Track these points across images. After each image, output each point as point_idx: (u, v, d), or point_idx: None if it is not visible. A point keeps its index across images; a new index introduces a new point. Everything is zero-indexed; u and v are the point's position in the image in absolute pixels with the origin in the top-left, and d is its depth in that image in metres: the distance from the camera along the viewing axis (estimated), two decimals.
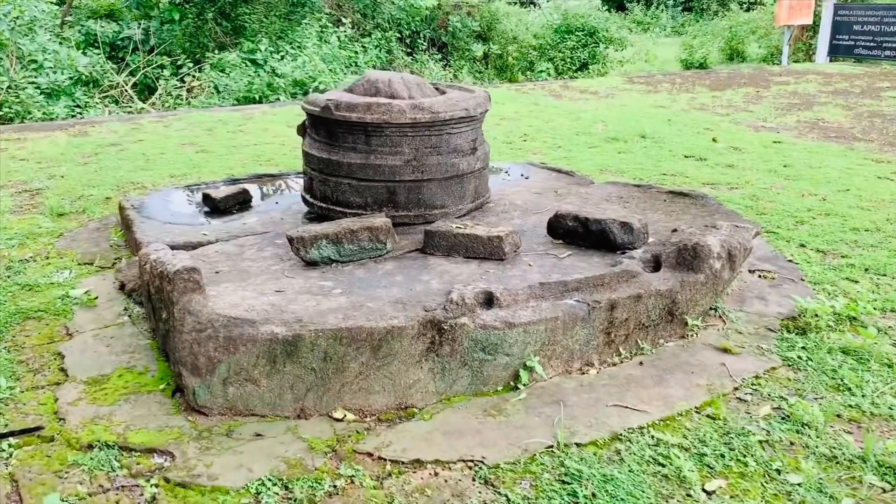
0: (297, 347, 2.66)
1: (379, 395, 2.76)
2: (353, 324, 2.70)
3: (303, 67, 12.19)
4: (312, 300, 2.97)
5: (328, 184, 3.97)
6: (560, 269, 3.31)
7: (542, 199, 4.50)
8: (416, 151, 3.85)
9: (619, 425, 2.63)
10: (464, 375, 2.82)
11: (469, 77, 17.58)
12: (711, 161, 6.27)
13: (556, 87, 11.28)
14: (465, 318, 2.81)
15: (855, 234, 4.48)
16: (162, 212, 4.46)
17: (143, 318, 3.49)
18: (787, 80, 11.83)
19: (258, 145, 7.15)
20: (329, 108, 3.81)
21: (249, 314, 2.80)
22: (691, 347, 3.16)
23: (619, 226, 3.47)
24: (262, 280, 3.22)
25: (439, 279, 3.22)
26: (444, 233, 3.51)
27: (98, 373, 3.02)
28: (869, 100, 9.64)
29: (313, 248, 3.42)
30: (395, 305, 2.88)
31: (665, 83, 11.43)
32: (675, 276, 3.20)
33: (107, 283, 3.90)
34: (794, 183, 5.62)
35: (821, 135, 7.44)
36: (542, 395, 2.81)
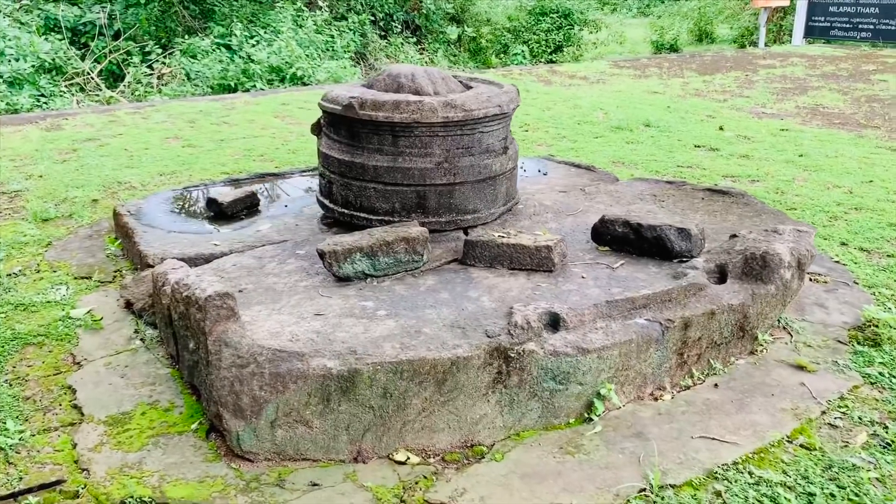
0: (353, 384, 2.37)
1: (443, 434, 2.49)
2: (415, 355, 2.42)
3: (279, 53, 11.73)
4: (359, 325, 2.68)
5: (351, 188, 3.65)
6: (618, 282, 3.06)
7: (571, 199, 4.24)
8: (448, 153, 3.55)
9: (712, 461, 2.40)
10: (533, 408, 2.56)
11: (445, 61, 17.24)
12: (724, 151, 6.06)
13: (544, 71, 11.00)
14: (533, 343, 2.55)
15: (893, 230, 4.30)
16: (163, 218, 4.11)
17: (157, 343, 3.16)
18: (772, 63, 11.71)
19: (247, 138, 6.77)
20: (353, 107, 3.50)
21: (295, 345, 2.50)
22: (764, 365, 2.94)
23: (677, 232, 3.23)
24: (295, 301, 2.92)
25: (489, 296, 2.95)
26: (486, 243, 3.24)
27: (118, 410, 2.70)
28: (861, 84, 9.55)
29: (347, 263, 3.12)
30: (454, 331, 2.61)
31: (653, 67, 11.23)
32: (744, 289, 2.97)
33: (110, 301, 3.56)
34: (814, 174, 5.44)
35: (825, 121, 7.29)
36: (620, 427, 2.57)
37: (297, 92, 9.35)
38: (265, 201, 4.36)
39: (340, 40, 13.31)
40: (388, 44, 16.36)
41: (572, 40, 18.60)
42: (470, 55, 18.79)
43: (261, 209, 4.26)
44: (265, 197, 4.45)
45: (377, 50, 15.99)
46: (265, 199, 4.38)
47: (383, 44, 16.23)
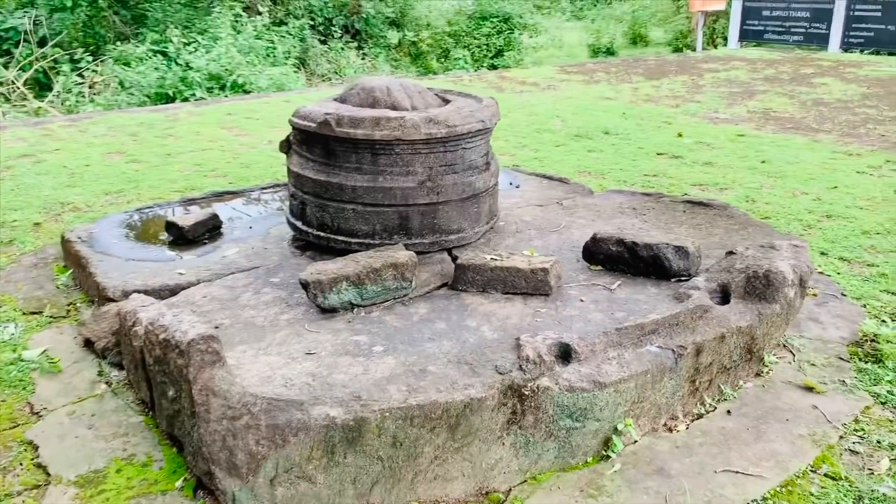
0: (360, 433, 2.17)
1: (457, 482, 2.30)
2: (425, 399, 2.23)
3: (218, 60, 11.32)
4: (356, 365, 2.47)
5: (327, 209, 3.44)
6: (619, 306, 2.93)
7: (551, 214, 4.11)
8: (431, 171, 3.37)
9: (740, 497, 2.28)
10: (549, 448, 2.40)
11: (386, 66, 17.00)
12: (688, 159, 6.04)
13: (493, 77, 10.91)
14: (546, 378, 2.38)
15: (868, 238, 4.31)
16: (118, 245, 3.81)
17: (125, 387, 2.89)
18: (714, 66, 11.88)
19: (195, 152, 6.44)
20: (328, 124, 3.28)
21: (291, 391, 2.28)
22: (773, 388, 2.85)
23: (674, 251, 3.12)
24: (281, 338, 2.69)
25: (489, 325, 2.78)
26: (478, 266, 3.06)
27: (89, 468, 2.43)
28: (803, 87, 9.74)
29: (332, 293, 2.90)
30: (461, 367, 2.42)
31: (600, 72, 11.25)
32: (750, 309, 2.87)
33: (66, 339, 3.26)
34: (780, 181, 5.45)
35: (779, 126, 7.37)
36: (639, 464, 2.43)
37: (241, 101, 9.01)
38: (227, 223, 4.09)
39: (281, 46, 12.95)
40: (328, 49, 16.03)
41: (513, 45, 18.63)
42: (411, 60, 18.60)
43: (223, 231, 4.00)
44: (232, 218, 4.18)
45: (318, 55, 15.65)
46: (227, 221, 4.11)
47: (324, 49, 15.90)
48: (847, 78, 10.53)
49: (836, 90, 9.49)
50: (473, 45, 18.36)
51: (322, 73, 14.99)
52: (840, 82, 10.11)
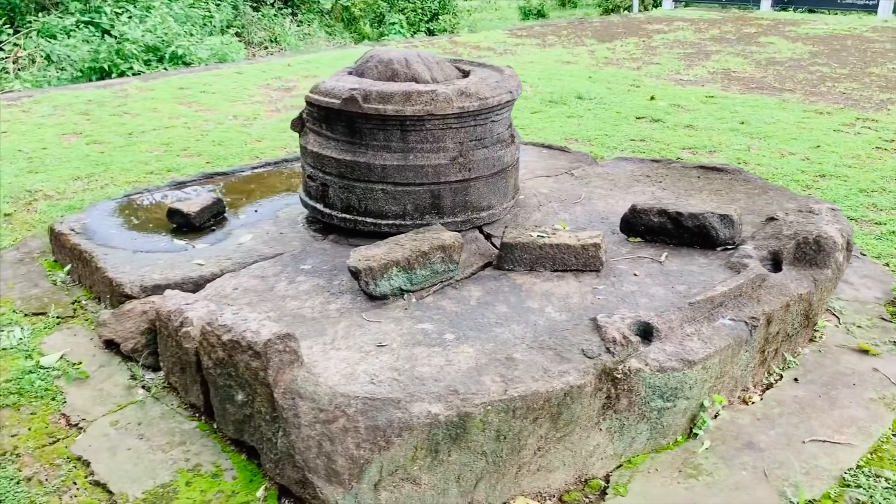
0: (465, 430, 2.06)
1: (559, 472, 2.23)
2: (525, 389, 2.13)
3: (154, 31, 10.75)
4: (436, 356, 2.35)
5: (353, 191, 3.27)
6: (676, 278, 2.88)
7: (566, 185, 4.03)
8: (461, 146, 3.24)
9: (836, 467, 2.28)
10: (642, 430, 2.35)
11: (322, 32, 16.52)
12: (668, 122, 6.05)
13: (446, 43, 10.71)
14: (634, 360, 2.32)
15: (867, 196, 4.40)
16: (118, 235, 3.55)
17: (165, 390, 2.69)
18: (659, 28, 11.97)
19: (158, 130, 6.09)
20: (355, 100, 3.10)
21: (381, 388, 2.15)
22: (829, 352, 2.87)
23: (719, 219, 3.09)
24: (342, 330, 2.54)
25: (551, 305, 2.70)
26: (526, 244, 2.97)
27: (154, 483, 2.25)
28: (752, 47, 9.90)
29: (383, 280, 2.76)
30: (545, 353, 2.33)
31: (550, 36, 11.18)
32: (804, 275, 2.87)
33: (81, 341, 3.02)
34: (764, 142, 5.51)
35: (743, 87, 7.46)
36: (727, 440, 2.40)
37: (191, 74, 8.58)
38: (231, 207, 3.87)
39: (219, 14, 12.39)
40: (261, 16, 15.46)
41: (448, 7, 18.35)
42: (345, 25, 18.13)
43: (227, 216, 3.78)
44: (233, 201, 3.95)
45: (251, 23, 15.08)
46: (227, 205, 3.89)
47: (257, 16, 15.33)
48: (790, 37, 10.76)
49: (785, 49, 9.68)
50: (408, 9, 17.99)
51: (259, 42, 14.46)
52: (785, 41, 10.32)
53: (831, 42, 10.24)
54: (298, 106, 6.92)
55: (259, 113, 6.63)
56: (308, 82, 7.93)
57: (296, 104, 6.97)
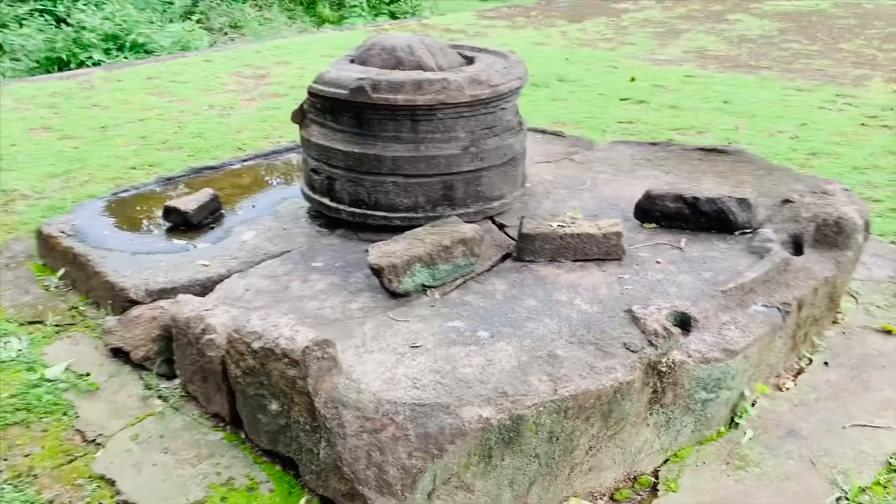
0: (518, 433, 2.00)
1: (609, 471, 2.18)
2: (576, 388, 2.07)
3: (112, 18, 10.39)
4: (475, 355, 2.28)
5: (362, 184, 3.16)
6: (700, 265, 2.85)
7: (569, 171, 3.98)
8: (473, 135, 3.16)
9: (880, 452, 2.27)
10: (687, 423, 2.31)
11: (283, 16, 16.19)
12: (653, 103, 6.03)
13: (415, 25, 10.55)
14: (677, 352, 2.28)
15: (861, 174, 4.43)
16: (113, 236, 3.40)
17: (184, 399, 2.57)
18: (626, 7, 11.97)
19: (132, 123, 5.88)
20: (364, 90, 3.00)
21: (426, 393, 2.07)
22: (853, 334, 2.87)
23: (737, 203, 3.06)
24: (370, 331, 2.45)
25: (580, 298, 2.64)
26: (547, 235, 2.90)
27: (187, 499, 2.14)
28: (722, 24, 9.95)
29: (406, 277, 2.68)
30: (586, 348, 2.28)
31: (519, 17, 11.10)
32: (828, 258, 2.86)
33: (85, 350, 2.88)
34: (751, 121, 5.53)
35: (720, 65, 7.48)
36: (768, 428, 2.38)
37: (157, 63, 8.31)
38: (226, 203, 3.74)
39: (179, 0, 12.03)
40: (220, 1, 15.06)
41: None
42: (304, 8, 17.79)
43: (224, 213, 3.64)
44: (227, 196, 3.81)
45: (209, 8, 14.69)
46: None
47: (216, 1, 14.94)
48: (756, 13, 10.84)
49: (754, 26, 9.75)
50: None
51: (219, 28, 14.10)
52: (753, 18, 10.39)
53: (797, 18, 10.34)
54: (274, 94, 6.75)
55: (235, 102, 6.45)
56: (281, 69, 7.74)
57: (271, 92, 6.80)
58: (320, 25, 16.00)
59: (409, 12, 16.80)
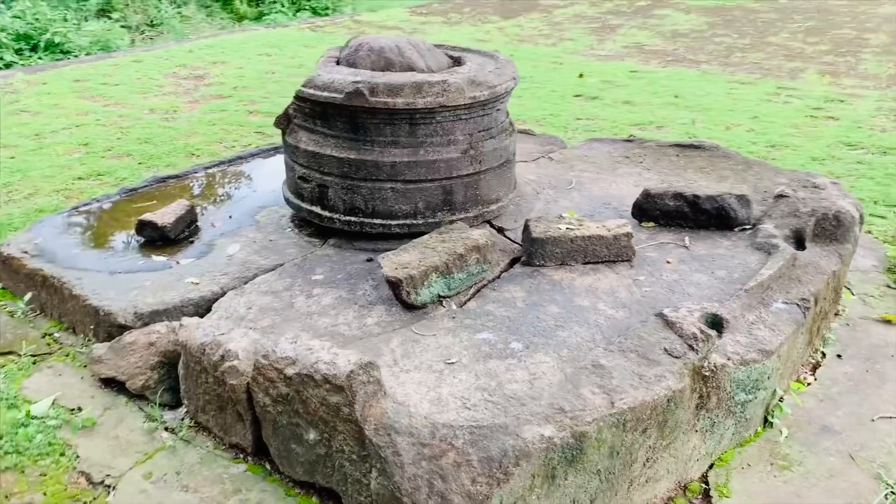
0: (582, 450, 1.93)
1: (664, 481, 2.14)
2: (632, 400, 2.02)
3: (23, 17, 9.78)
4: (516, 369, 2.20)
5: (358, 191, 3.04)
6: (710, 263, 2.85)
7: (550, 170, 3.94)
8: (471, 137, 3.08)
9: None
10: (729, 426, 2.29)
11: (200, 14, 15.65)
12: (607, 99, 6.07)
13: (350, 23, 10.35)
14: (716, 355, 2.26)
15: (821, 164, 4.56)
16: (83, 255, 3.16)
17: (193, 430, 2.40)
18: (555, 2, 12.07)
19: (69, 129, 5.52)
20: (361, 94, 2.87)
21: (480, 413, 1.98)
22: (857, 325, 2.93)
23: (737, 200, 3.08)
24: (397, 348, 2.34)
25: (603, 302, 2.60)
26: (557, 238, 2.85)
27: None
28: (652, 19, 10.15)
29: (424, 288, 2.58)
30: (628, 356, 2.23)
31: (451, 13, 11.04)
32: (830, 252, 2.90)
33: (70, 381, 2.66)
34: (706, 115, 5.63)
35: (661, 60, 7.61)
36: (801, 425, 2.39)
37: (83, 64, 7.85)
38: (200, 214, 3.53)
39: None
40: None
41: None
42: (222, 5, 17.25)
43: (199, 225, 3.44)
44: (199, 207, 3.60)
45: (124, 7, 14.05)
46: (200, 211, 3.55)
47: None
48: (682, 8, 11.11)
49: (682, 20, 9.98)
50: None
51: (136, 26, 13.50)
52: (680, 13, 10.64)
53: (721, 13, 10.64)
54: (217, 95, 6.47)
55: (177, 105, 6.14)
56: (218, 69, 7.44)
57: (214, 93, 6.52)
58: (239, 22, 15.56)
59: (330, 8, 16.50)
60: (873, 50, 7.93)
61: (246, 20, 15.76)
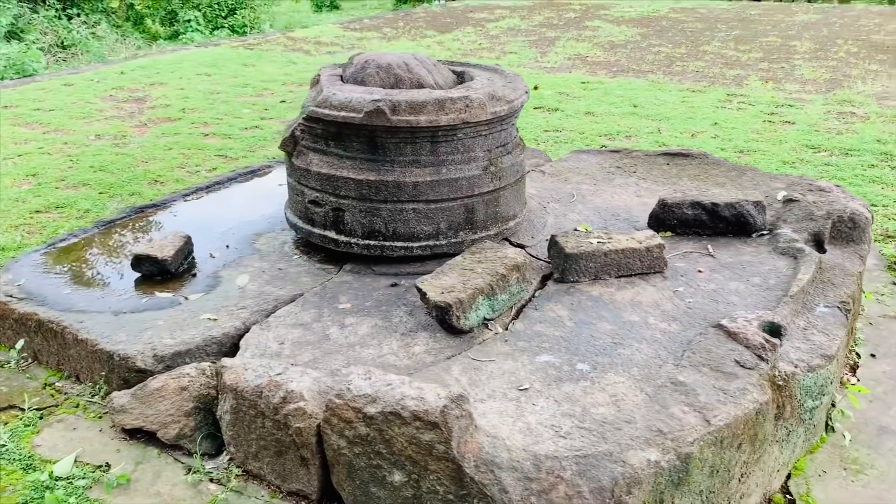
0: (687, 472, 1.87)
1: (753, 496, 2.10)
2: (726, 416, 1.98)
3: None
4: (593, 391, 2.13)
5: (378, 214, 2.91)
6: (741, 271, 2.85)
7: (547, 184, 3.90)
8: (490, 154, 3.01)
9: None
10: (800, 434, 2.28)
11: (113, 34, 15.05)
12: (567, 111, 6.11)
13: (284, 39, 10.12)
14: (782, 363, 2.25)
15: (792, 168, 4.69)
16: (76, 295, 2.92)
17: (242, 479, 2.22)
18: (483, 16, 12.15)
19: (12, 159, 5.15)
20: (382, 112, 2.76)
21: (578, 441, 1.90)
22: (878, 323, 2.99)
23: (754, 206, 3.11)
24: (461, 377, 2.23)
25: (652, 316, 2.56)
26: (591, 253, 2.80)
27: None
28: (586, 31, 10.33)
29: (472, 312, 2.48)
30: (701, 370, 2.19)
31: (385, 28, 10.95)
32: (850, 253, 2.96)
33: (87, 435, 2.43)
34: (667, 123, 5.73)
35: (608, 71, 7.73)
36: (859, 427, 2.41)
37: (6, 90, 7.37)
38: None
39: (3, 17, 10.80)
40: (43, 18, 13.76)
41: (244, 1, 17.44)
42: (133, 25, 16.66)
43: (196, 256, 3.24)
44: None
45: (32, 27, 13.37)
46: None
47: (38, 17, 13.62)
48: (610, 20, 11.37)
49: (615, 32, 10.20)
50: (204, 5, 16.83)
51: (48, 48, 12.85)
52: (610, 24, 10.88)
53: (649, 24, 10.94)
54: (165, 118, 6.18)
55: (125, 130, 5.83)
56: (159, 91, 7.12)
57: (162, 116, 6.22)
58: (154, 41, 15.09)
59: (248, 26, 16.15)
60: (803, 56, 8.28)
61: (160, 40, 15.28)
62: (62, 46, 13.27)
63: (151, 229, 3.54)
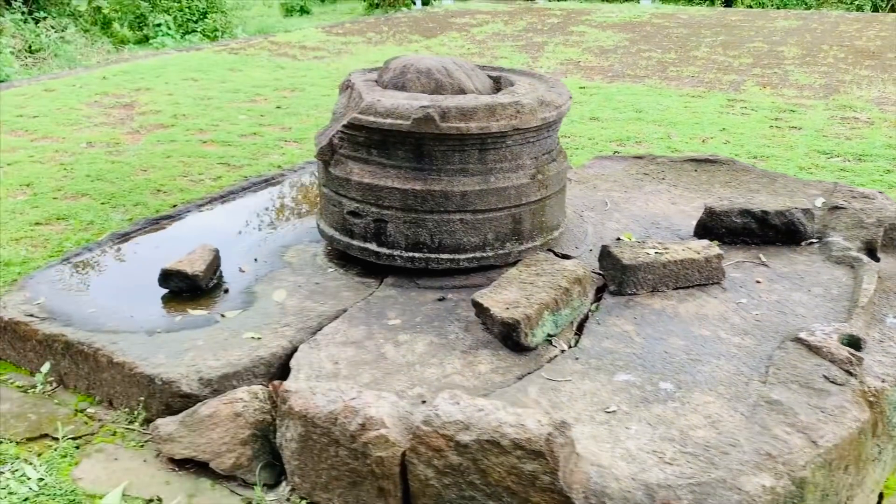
0: (802, 497, 1.77)
1: None
2: (831, 436, 1.89)
3: None
4: (688, 413, 2.02)
5: (423, 225, 2.79)
6: (801, 282, 2.78)
7: (578, 192, 3.80)
8: (537, 161, 2.90)
9: None
10: (889, 451, 2.19)
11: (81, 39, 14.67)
12: (573, 116, 6.03)
13: (267, 44, 9.91)
14: (870, 378, 2.17)
15: (809, 174, 4.66)
16: (104, 314, 2.75)
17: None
18: (467, 21, 12.07)
19: (3, 168, 4.90)
20: (432, 119, 2.63)
21: (686, 468, 1.79)
22: None
23: (804, 214, 3.04)
24: (541, 399, 2.12)
25: (722, 329, 2.47)
26: (649, 265, 2.70)
27: None
28: (573, 36, 10.30)
29: (538, 328, 2.36)
30: (790, 387, 2.10)
31: (369, 33, 10.80)
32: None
33: (132, 466, 2.26)
34: (676, 129, 5.68)
35: (604, 76, 7.69)
36: None
37: None
38: None
39: None
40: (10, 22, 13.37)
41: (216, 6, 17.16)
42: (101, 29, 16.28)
43: (223, 270, 3.08)
44: None
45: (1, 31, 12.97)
46: None
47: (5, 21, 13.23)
48: (595, 25, 11.36)
49: (602, 37, 10.18)
50: (174, 9, 16.50)
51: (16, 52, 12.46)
52: (595, 30, 10.87)
53: (634, 29, 10.95)
54: (158, 125, 5.96)
55: (117, 137, 5.61)
56: (147, 96, 6.89)
57: (153, 123, 6.00)
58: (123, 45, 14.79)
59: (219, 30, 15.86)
60: (793, 61, 8.33)
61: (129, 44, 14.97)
62: (30, 51, 12.89)
63: (171, 242, 3.36)
